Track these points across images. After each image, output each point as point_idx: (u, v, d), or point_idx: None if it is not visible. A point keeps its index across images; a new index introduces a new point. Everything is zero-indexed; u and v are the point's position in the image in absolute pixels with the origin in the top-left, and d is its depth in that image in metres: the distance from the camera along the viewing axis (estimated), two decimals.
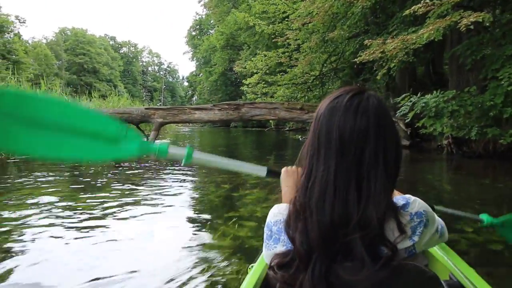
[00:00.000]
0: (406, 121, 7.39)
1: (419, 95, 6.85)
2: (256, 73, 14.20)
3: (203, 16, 48.04)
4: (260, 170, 1.23)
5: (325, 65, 14.16)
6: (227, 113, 11.50)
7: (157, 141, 1.36)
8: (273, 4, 13.85)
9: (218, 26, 31.68)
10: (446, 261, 1.29)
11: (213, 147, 13.73)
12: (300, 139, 15.62)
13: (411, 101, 6.83)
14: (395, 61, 6.92)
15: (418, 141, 9.98)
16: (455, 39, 9.19)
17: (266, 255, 0.91)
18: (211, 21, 41.08)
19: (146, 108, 12.10)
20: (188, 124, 16.90)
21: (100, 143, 1.06)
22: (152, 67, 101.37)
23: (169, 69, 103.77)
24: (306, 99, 14.19)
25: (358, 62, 7.99)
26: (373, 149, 0.77)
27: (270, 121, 21.08)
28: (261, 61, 13.65)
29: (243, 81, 16.54)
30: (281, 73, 14.44)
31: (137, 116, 11.97)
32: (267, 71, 14.25)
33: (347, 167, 0.77)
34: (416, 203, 0.83)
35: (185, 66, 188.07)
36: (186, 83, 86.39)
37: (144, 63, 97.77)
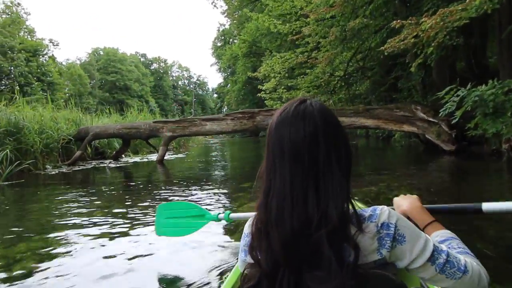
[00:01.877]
0: (454, 121, 5.80)
1: (468, 86, 5.30)
2: (274, 77, 12.94)
3: (227, 26, 47.80)
4: None
5: (350, 64, 12.67)
6: (241, 123, 10.33)
7: (220, 216, 1.96)
8: (289, 0, 12.56)
9: (239, 34, 30.90)
10: None
11: (240, 159, 12.55)
12: None
13: (458, 96, 5.29)
14: (433, 44, 5.42)
15: (465, 145, 8.30)
16: (506, 22, 7.55)
17: (240, 264, 0.97)
18: (234, 31, 40.46)
19: (154, 122, 11.15)
20: (218, 134, 15.87)
21: (194, 221, 2.04)
22: (182, 81, 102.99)
23: (198, 82, 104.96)
24: (331, 103, 12.75)
25: (386, 53, 6.58)
26: (325, 149, 0.80)
27: None
28: (278, 63, 12.40)
29: (259, 86, 15.35)
30: (301, 76, 13.07)
31: (145, 131, 11.05)
32: (286, 74, 12.96)
33: (303, 173, 0.79)
34: (385, 214, 0.82)
35: (213, 78, 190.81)
36: (215, 95, 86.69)
37: (174, 78, 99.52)
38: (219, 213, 1.94)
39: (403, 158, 10.02)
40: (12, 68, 44.99)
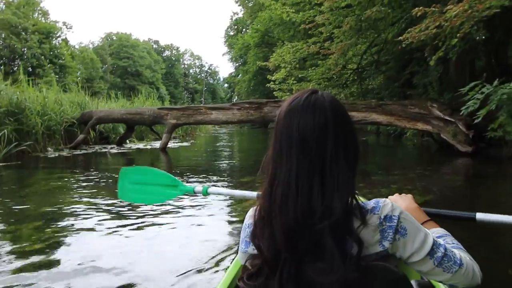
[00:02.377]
0: (476, 120, 5.31)
1: (495, 83, 4.81)
2: (284, 67, 12.47)
3: (240, 15, 47.12)
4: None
5: (364, 57, 12.15)
6: (247, 113, 9.96)
7: (196, 188, 1.78)
8: None
9: (252, 23, 30.32)
10: None
11: (246, 151, 12.25)
12: None
13: (482, 93, 4.82)
14: (458, 35, 4.94)
15: (483, 147, 7.83)
16: None
17: (240, 257, 0.95)
18: (247, 20, 39.80)
19: (158, 108, 10.85)
20: (228, 124, 15.63)
21: (164, 190, 1.87)
22: (194, 69, 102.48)
23: (210, 71, 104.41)
24: (342, 97, 12.27)
25: (403, 44, 6.13)
26: (333, 143, 0.79)
27: None
28: (289, 53, 11.93)
29: (268, 76, 14.88)
30: (313, 68, 12.57)
31: (149, 117, 10.75)
32: (297, 65, 12.47)
33: (309, 164, 0.78)
34: (388, 207, 0.82)
35: (225, 67, 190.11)
36: (226, 85, 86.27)
37: (186, 66, 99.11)
38: (196, 186, 1.78)
39: (415, 158, 9.57)
40: (26, 49, 45.10)
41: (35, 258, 2.37)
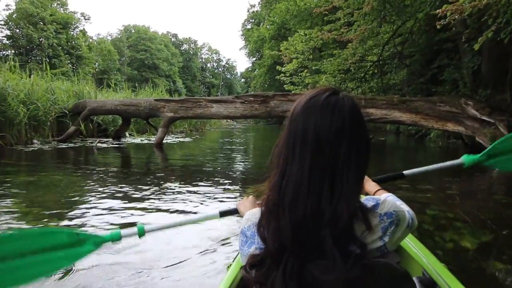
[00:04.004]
0: None
1: None
2: (296, 58, 11.25)
3: (257, 8, 45.74)
4: (213, 216, 1.39)
5: (386, 48, 10.84)
6: (251, 107, 8.87)
7: (123, 231, 1.24)
8: None
9: (268, 15, 29.04)
10: (420, 257, 1.34)
11: (254, 150, 11.14)
12: None
13: None
14: None
15: None
16: None
17: (243, 260, 0.93)
18: (263, 12, 38.41)
19: (155, 100, 9.85)
20: (231, 119, 14.78)
21: (58, 253, 1.14)
22: (211, 63, 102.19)
23: (227, 65, 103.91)
24: (360, 92, 11.00)
25: (438, 25, 4.93)
26: (347, 147, 0.79)
27: None
28: (301, 42, 10.70)
29: (277, 67, 13.67)
30: (328, 59, 11.30)
31: (144, 109, 9.78)
32: (310, 56, 11.24)
33: (322, 165, 0.79)
34: (386, 204, 0.86)
35: (243, 62, 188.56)
36: (243, 80, 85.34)
37: (203, 60, 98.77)
38: (120, 231, 1.24)
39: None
40: (43, 39, 45.07)
41: None
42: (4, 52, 45.79)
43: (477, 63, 7.87)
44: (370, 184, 1.30)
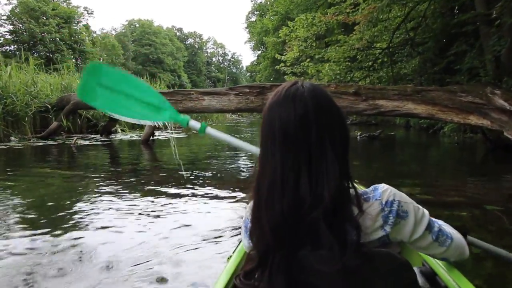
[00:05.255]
0: None
1: None
2: (297, 45, 10.26)
3: (262, 0, 44.48)
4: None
5: (396, 34, 9.82)
6: (247, 100, 7.99)
7: (191, 121, 1.43)
8: None
9: (272, 6, 27.95)
10: None
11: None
12: (359, 136, 11.54)
13: None
14: None
15: None
16: None
17: (246, 247, 0.95)
18: (268, 2, 37.23)
19: None
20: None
21: (147, 109, 1.48)
22: (217, 57, 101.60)
23: (233, 59, 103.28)
24: (368, 82, 10.02)
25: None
26: (317, 132, 0.77)
27: None
28: (303, 27, 9.72)
29: (277, 55, 12.71)
30: (334, 46, 10.23)
31: None
32: (313, 44, 10.25)
33: (294, 156, 0.77)
34: (388, 192, 0.83)
35: (248, 56, 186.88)
36: (248, 74, 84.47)
37: (209, 54, 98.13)
38: (190, 119, 1.42)
39: (464, 164, 7.20)
40: (45, 33, 44.49)
41: None
42: (7, 47, 45.34)
43: (505, 45, 6.86)
44: None
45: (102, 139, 9.58)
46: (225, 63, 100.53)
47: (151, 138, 10.29)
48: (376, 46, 9.95)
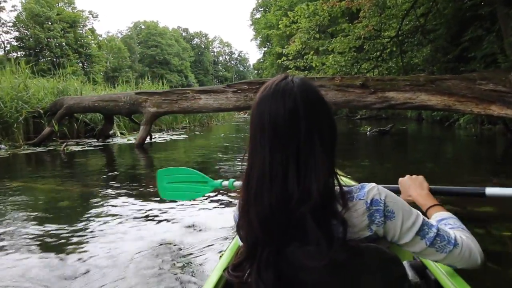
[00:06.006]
0: None
1: None
2: (299, 37, 9.62)
3: None
4: None
5: (406, 21, 9.15)
6: (246, 97, 7.45)
7: (224, 183, 1.92)
8: None
9: (275, 1, 27.30)
10: None
11: None
12: (369, 132, 10.90)
13: None
14: None
15: None
16: None
17: (239, 241, 0.93)
18: None
19: (136, 93, 8.51)
20: (216, 112, 13.78)
21: (197, 187, 2.05)
22: (223, 56, 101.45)
23: (240, 58, 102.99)
24: (376, 73, 9.37)
25: None
26: (306, 127, 0.77)
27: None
28: (304, 16, 9.09)
29: (276, 48, 12.11)
30: (338, 36, 9.54)
31: (125, 104, 8.45)
32: (316, 35, 9.60)
33: (282, 150, 0.77)
34: (373, 191, 0.81)
35: (255, 54, 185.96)
36: (255, 72, 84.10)
37: (215, 53, 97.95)
38: (223, 181, 1.92)
39: (483, 160, 6.47)
40: (51, 39, 44.55)
41: None
42: (14, 54, 45.57)
43: None
44: (422, 194, 1.15)
45: (97, 144, 9.13)
46: (232, 62, 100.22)
47: (148, 140, 9.84)
48: (384, 35, 9.28)
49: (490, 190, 1.23)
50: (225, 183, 1.88)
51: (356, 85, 6.47)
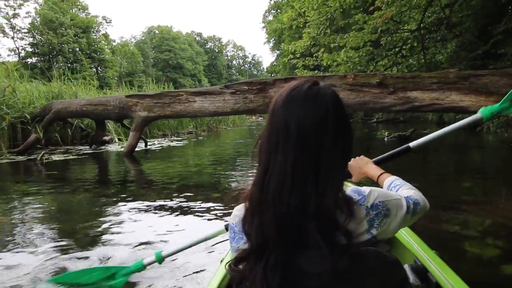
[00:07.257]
0: None
1: None
2: (307, 33, 8.66)
3: None
4: (220, 231, 1.55)
5: (428, 13, 8.09)
6: (245, 99, 6.55)
7: (144, 260, 1.67)
8: None
9: (287, 1, 26.39)
10: (411, 245, 1.32)
11: None
12: (387, 137, 9.82)
13: None
14: None
15: None
16: None
17: (232, 256, 0.93)
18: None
19: (126, 96, 7.69)
20: (212, 116, 13.03)
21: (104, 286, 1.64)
22: (237, 60, 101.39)
23: (253, 61, 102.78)
24: (395, 71, 8.32)
25: None
26: (332, 136, 0.78)
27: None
28: (313, 9, 8.11)
29: (282, 44, 11.16)
30: (352, 31, 8.50)
31: (114, 108, 7.62)
32: (327, 30, 8.60)
33: (306, 157, 0.77)
34: (371, 196, 0.83)
35: (268, 57, 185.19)
36: (269, 75, 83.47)
37: (229, 57, 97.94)
38: (143, 259, 1.64)
39: None
40: (64, 44, 44.72)
41: None
42: (29, 60, 45.96)
43: None
44: (371, 168, 1.27)
45: (86, 152, 8.37)
46: (246, 66, 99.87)
47: (144, 147, 9.05)
48: (404, 28, 8.23)
49: (412, 144, 1.44)
50: (149, 259, 1.64)
51: (372, 84, 5.49)
